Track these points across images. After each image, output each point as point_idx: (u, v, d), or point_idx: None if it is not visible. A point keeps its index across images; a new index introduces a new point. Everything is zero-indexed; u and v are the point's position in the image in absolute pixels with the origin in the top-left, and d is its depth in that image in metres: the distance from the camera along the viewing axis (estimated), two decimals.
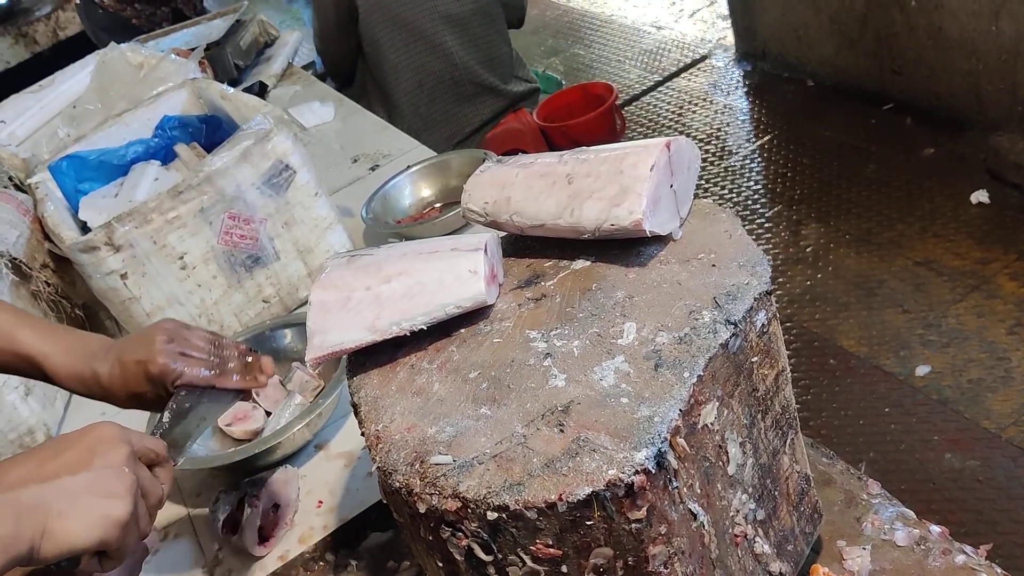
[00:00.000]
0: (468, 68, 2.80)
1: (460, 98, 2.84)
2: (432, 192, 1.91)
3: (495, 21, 2.82)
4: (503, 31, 2.87)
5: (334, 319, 0.90)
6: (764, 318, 0.82)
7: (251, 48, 2.91)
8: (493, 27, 2.82)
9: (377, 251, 0.97)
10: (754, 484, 0.84)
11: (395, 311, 0.88)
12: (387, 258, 0.94)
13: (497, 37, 2.84)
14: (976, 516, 1.99)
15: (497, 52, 2.85)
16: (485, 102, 2.88)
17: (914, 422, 2.26)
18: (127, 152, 1.82)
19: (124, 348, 1.01)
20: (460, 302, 0.87)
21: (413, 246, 0.95)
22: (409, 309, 0.88)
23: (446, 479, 0.73)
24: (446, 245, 0.93)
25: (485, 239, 0.91)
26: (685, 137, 0.91)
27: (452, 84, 2.81)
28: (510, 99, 2.93)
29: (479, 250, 0.89)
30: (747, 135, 3.65)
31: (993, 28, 2.84)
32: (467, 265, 0.88)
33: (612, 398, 0.74)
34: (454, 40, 2.76)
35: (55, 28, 4.78)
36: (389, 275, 0.91)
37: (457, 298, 0.87)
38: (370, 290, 0.90)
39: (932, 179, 3.01)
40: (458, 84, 2.82)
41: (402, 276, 0.90)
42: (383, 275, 0.91)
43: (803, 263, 2.89)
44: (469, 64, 2.80)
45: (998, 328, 2.42)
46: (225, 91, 1.88)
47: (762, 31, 3.92)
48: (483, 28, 2.79)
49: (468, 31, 2.77)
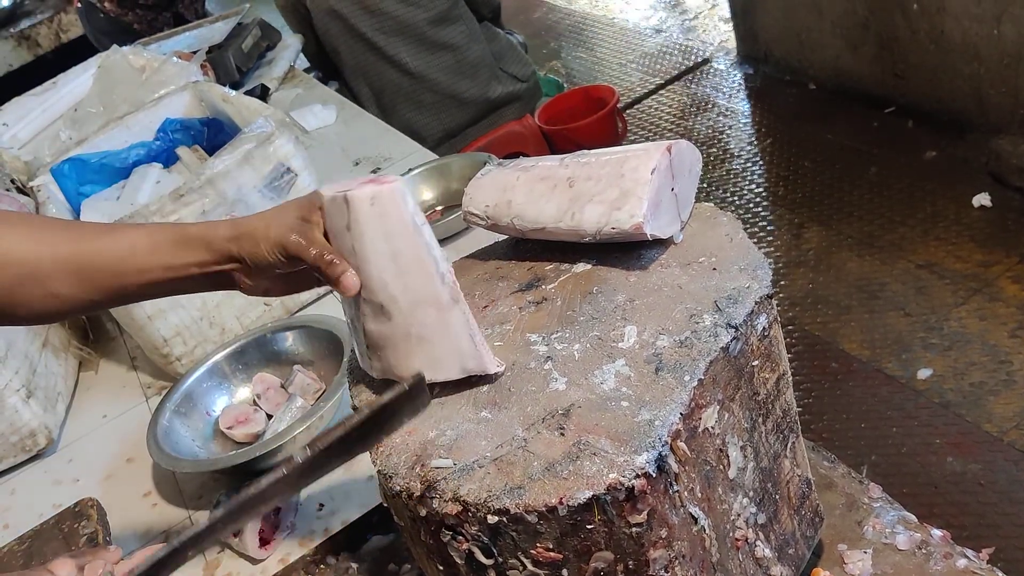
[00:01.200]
0: (425, 78, 2.77)
1: (418, 106, 2.81)
2: (433, 195, 1.91)
3: (458, 22, 2.76)
4: (473, 30, 2.81)
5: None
6: (765, 322, 0.82)
7: (253, 51, 2.91)
8: (456, 29, 2.76)
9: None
10: (755, 488, 0.84)
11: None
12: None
13: (465, 40, 2.77)
14: (978, 520, 1.99)
15: (466, 55, 2.78)
16: (449, 112, 2.83)
17: (916, 425, 2.25)
18: (129, 155, 1.82)
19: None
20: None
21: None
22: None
23: (447, 483, 0.73)
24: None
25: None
26: (686, 140, 0.91)
27: (410, 93, 2.78)
28: (484, 107, 2.87)
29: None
30: (748, 138, 3.65)
31: (995, 32, 2.83)
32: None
33: (613, 401, 0.74)
34: (408, 50, 2.73)
35: (57, 31, 4.79)
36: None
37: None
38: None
39: (934, 182, 3.01)
40: (416, 93, 2.79)
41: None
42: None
43: (805, 266, 2.89)
44: (427, 73, 2.76)
45: (1000, 331, 2.42)
46: (227, 94, 1.89)
47: (764, 34, 3.92)
48: (444, 34, 2.74)
49: (425, 40, 2.73)
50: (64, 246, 0.92)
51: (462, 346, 0.81)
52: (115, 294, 0.95)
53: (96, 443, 1.60)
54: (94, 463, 1.54)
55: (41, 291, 0.92)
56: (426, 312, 0.80)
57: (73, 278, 0.92)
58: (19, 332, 1.61)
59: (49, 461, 1.59)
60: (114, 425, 1.63)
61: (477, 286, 0.97)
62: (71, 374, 1.76)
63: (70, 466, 1.56)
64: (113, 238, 0.93)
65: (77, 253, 0.92)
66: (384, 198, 0.78)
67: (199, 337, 1.60)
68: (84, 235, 0.94)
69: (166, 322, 1.56)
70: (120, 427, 1.61)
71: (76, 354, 1.81)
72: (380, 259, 0.79)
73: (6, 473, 1.58)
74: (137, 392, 1.70)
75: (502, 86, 2.89)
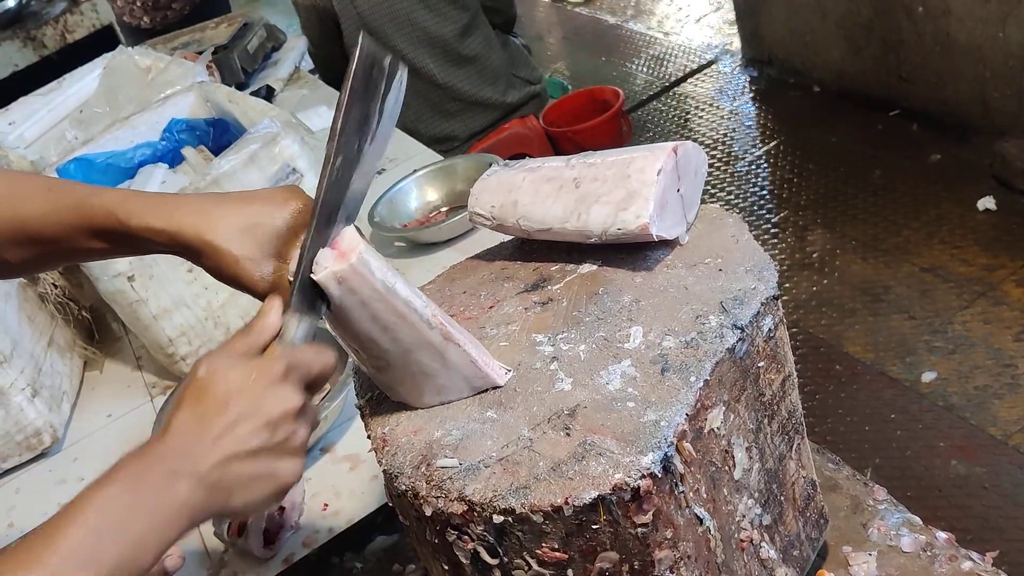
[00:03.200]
0: (452, 88, 2.80)
1: (445, 115, 2.85)
2: (438, 196, 1.91)
3: (477, 33, 2.80)
4: (491, 40, 2.85)
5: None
6: (771, 323, 0.82)
7: (258, 52, 2.92)
8: (476, 40, 2.80)
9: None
10: (760, 489, 0.84)
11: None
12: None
13: (485, 49, 2.82)
14: (982, 523, 1.98)
15: (487, 63, 2.83)
16: (474, 117, 2.87)
17: (920, 428, 2.25)
18: (134, 155, 1.82)
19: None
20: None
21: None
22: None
23: (452, 482, 0.73)
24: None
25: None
26: (692, 142, 0.91)
27: (436, 103, 2.82)
28: (504, 110, 2.92)
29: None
30: (753, 141, 3.64)
31: (1000, 35, 2.83)
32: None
33: (618, 402, 0.74)
34: (435, 63, 2.76)
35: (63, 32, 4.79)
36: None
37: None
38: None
39: (939, 185, 3.00)
40: (442, 103, 2.83)
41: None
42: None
43: (809, 269, 2.89)
44: (453, 84, 2.80)
45: (1004, 335, 2.41)
46: (233, 94, 1.89)
47: (768, 37, 3.91)
48: (467, 44, 2.78)
49: (450, 51, 2.76)
50: (7, 215, 0.89)
51: (465, 373, 0.81)
52: (65, 258, 0.95)
53: (101, 442, 1.60)
54: (99, 462, 1.54)
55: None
56: (421, 355, 0.80)
57: (23, 247, 0.90)
58: (25, 332, 1.61)
59: (54, 460, 1.59)
60: (119, 424, 1.63)
61: (483, 287, 0.97)
62: (76, 373, 1.76)
63: (75, 465, 1.56)
64: (54, 209, 0.89)
65: (14, 220, 0.89)
66: (349, 276, 0.75)
67: (204, 337, 1.60)
68: (27, 200, 0.90)
69: (171, 322, 1.56)
70: (125, 426, 1.62)
71: (81, 353, 1.82)
72: (362, 324, 0.78)
73: (11, 472, 1.59)
74: (142, 392, 1.70)
75: (516, 90, 2.93)
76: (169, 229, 0.83)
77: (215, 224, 0.83)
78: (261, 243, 0.82)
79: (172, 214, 0.84)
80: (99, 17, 4.84)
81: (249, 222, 0.83)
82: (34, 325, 1.66)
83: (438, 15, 2.72)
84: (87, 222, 0.87)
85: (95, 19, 4.92)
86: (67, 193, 0.89)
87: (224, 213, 0.84)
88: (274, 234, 0.83)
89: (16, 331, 1.58)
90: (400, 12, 2.70)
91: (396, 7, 2.69)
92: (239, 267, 0.82)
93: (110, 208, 0.86)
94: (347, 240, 0.78)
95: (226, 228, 0.83)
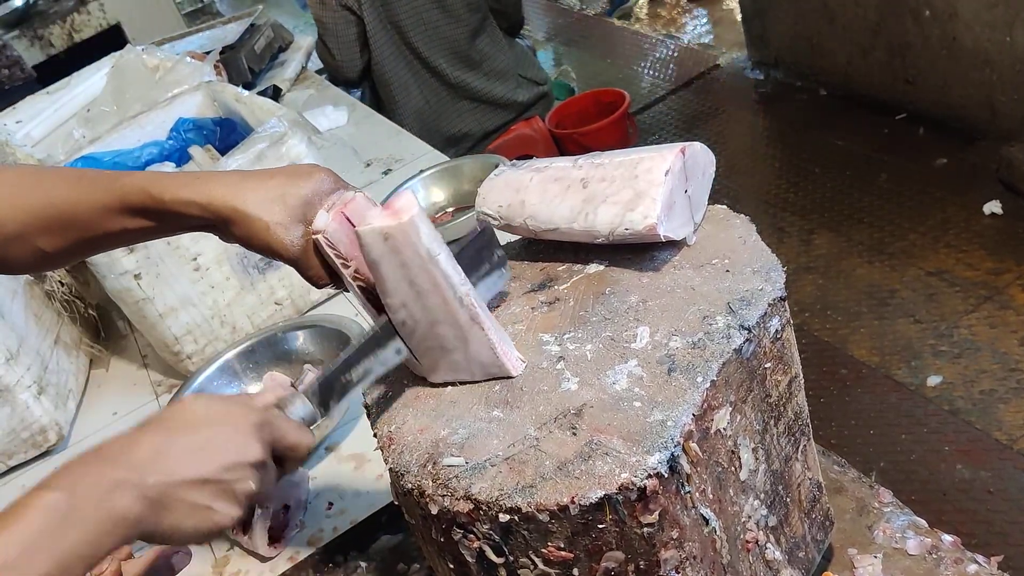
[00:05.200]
0: (464, 87, 2.88)
1: (460, 113, 2.93)
2: (444, 196, 1.92)
3: (484, 34, 2.88)
4: (498, 41, 2.93)
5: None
6: (778, 324, 0.82)
7: (265, 52, 2.93)
8: (484, 41, 2.88)
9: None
10: (766, 490, 0.84)
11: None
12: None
13: (493, 50, 2.90)
14: (987, 527, 1.98)
15: (494, 64, 2.91)
16: (487, 115, 2.95)
17: (925, 432, 2.24)
18: (142, 154, 1.83)
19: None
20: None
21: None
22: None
23: (458, 481, 0.73)
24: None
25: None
26: (700, 143, 0.91)
27: (450, 102, 2.90)
28: (515, 110, 2.98)
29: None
30: (758, 144, 3.64)
31: (1007, 39, 2.83)
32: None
33: (625, 402, 0.74)
34: (448, 62, 2.84)
35: (70, 31, 4.81)
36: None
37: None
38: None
39: (944, 189, 3.00)
40: (455, 101, 2.91)
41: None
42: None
43: (814, 272, 2.88)
44: (464, 82, 2.87)
45: (1010, 339, 2.41)
46: (240, 94, 1.89)
47: (774, 40, 3.91)
48: (476, 45, 2.86)
49: (461, 52, 2.84)
50: (40, 203, 0.92)
51: (483, 359, 0.82)
52: (96, 245, 0.96)
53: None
54: None
55: (29, 248, 0.93)
56: (446, 330, 0.82)
57: (56, 235, 0.93)
58: (31, 329, 1.62)
59: (60, 458, 1.60)
60: (124, 422, 1.63)
61: None
62: (82, 371, 1.77)
63: None
64: (86, 191, 0.92)
65: (47, 207, 0.92)
66: (396, 235, 0.77)
67: (210, 336, 1.60)
68: (57, 187, 0.93)
69: (177, 320, 1.56)
70: (130, 424, 1.62)
71: (87, 351, 1.82)
72: (397, 284, 0.80)
73: (17, 469, 1.59)
74: (147, 390, 1.70)
75: (523, 90, 2.97)
76: (201, 200, 0.87)
77: (245, 194, 0.87)
78: (290, 209, 0.87)
79: (203, 187, 0.88)
80: (106, 16, 4.85)
81: (277, 192, 0.87)
82: (40, 323, 1.67)
83: (452, 17, 2.78)
84: (119, 201, 0.90)
85: (102, 18, 4.94)
86: (97, 177, 0.93)
87: (253, 185, 0.88)
88: (301, 201, 0.87)
89: (23, 328, 1.59)
90: (421, 10, 2.76)
91: (418, 3, 2.74)
92: (269, 233, 0.86)
93: (142, 185, 0.89)
94: (403, 200, 0.79)
95: (256, 197, 0.87)
